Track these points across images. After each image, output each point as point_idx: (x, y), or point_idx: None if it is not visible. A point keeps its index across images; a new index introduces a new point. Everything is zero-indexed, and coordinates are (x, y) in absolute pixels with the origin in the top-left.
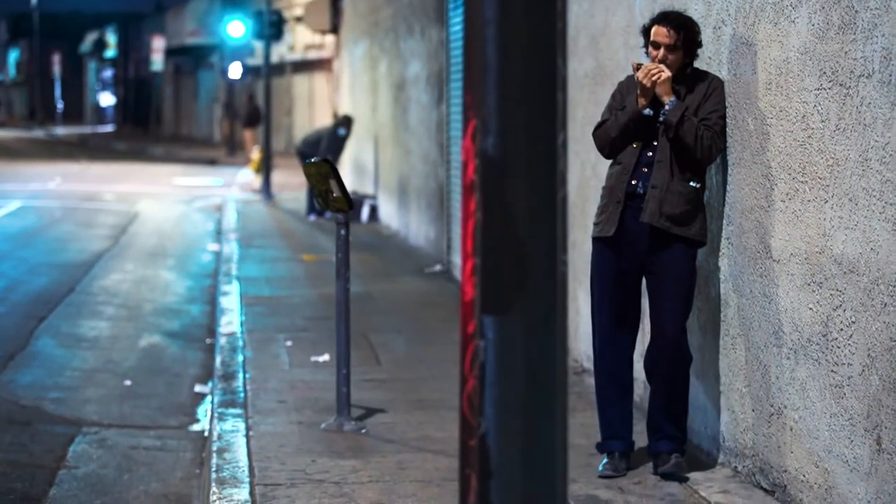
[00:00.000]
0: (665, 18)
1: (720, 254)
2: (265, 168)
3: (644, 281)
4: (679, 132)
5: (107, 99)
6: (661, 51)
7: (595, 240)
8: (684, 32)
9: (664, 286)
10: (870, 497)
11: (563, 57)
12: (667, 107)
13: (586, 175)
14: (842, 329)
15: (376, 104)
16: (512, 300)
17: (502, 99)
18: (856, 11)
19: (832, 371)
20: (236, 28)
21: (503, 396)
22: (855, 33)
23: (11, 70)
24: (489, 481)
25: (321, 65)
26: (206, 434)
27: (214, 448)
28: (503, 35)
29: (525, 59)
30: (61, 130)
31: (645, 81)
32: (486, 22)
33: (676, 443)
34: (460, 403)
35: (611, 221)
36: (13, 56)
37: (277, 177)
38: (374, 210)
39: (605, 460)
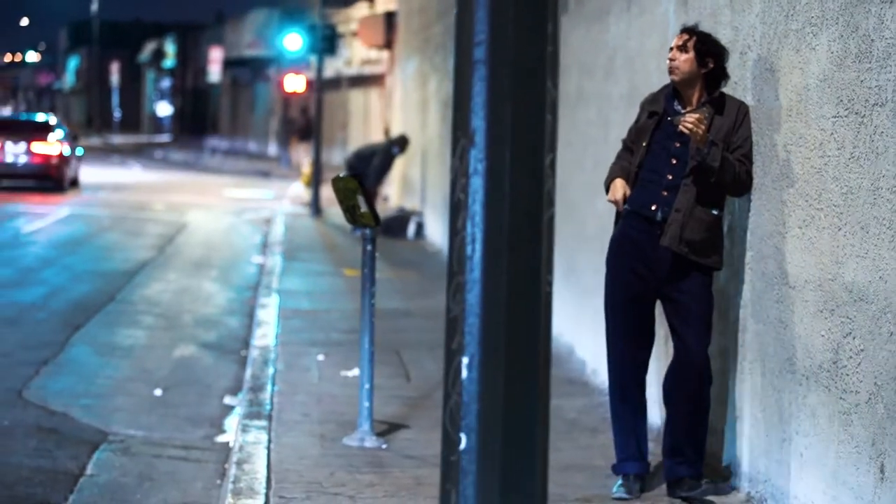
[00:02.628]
0: (684, 27)
1: (740, 279)
2: (314, 182)
3: (660, 304)
4: (721, 177)
5: (164, 109)
6: (673, 51)
7: (609, 261)
8: (697, 38)
9: (688, 311)
10: None
11: (554, 80)
12: (705, 150)
13: None
14: (851, 357)
15: (425, 121)
16: (496, 319)
17: (491, 120)
18: (872, 41)
19: (841, 398)
20: (293, 41)
21: (484, 413)
22: (871, 62)
23: (70, 77)
24: (470, 497)
25: (376, 80)
26: (231, 445)
27: (235, 459)
28: (493, 57)
29: (514, 81)
30: (118, 139)
31: (684, 130)
32: (476, 43)
33: (696, 466)
34: (443, 418)
35: (627, 242)
36: (73, 63)
37: (327, 191)
38: (420, 227)
39: (619, 482)
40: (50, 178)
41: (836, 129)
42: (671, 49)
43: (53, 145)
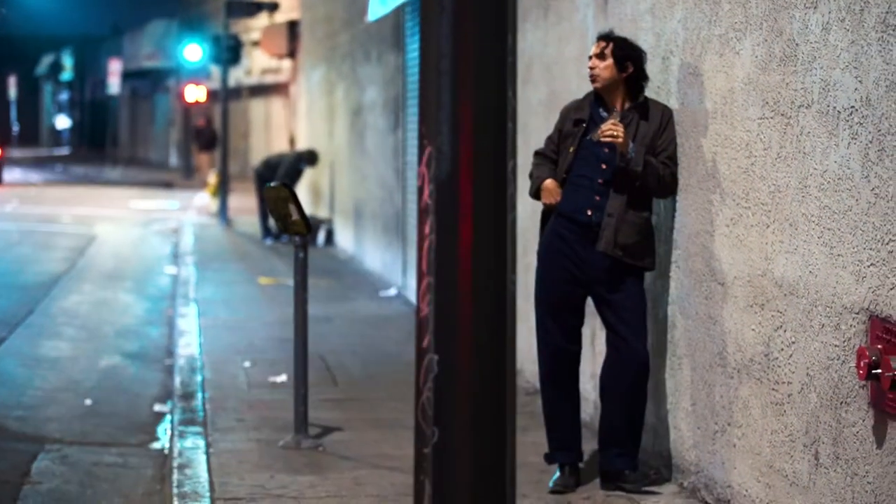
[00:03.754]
0: (600, 34)
1: (668, 277)
2: (222, 192)
3: (591, 301)
4: (645, 180)
5: (63, 122)
6: (592, 59)
7: (541, 259)
8: (613, 44)
9: (624, 309)
10: None
11: (514, 89)
12: (629, 154)
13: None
14: (782, 349)
15: (333, 129)
16: (463, 317)
17: (455, 128)
18: (796, 44)
19: (773, 389)
20: (193, 52)
21: (454, 407)
22: (795, 65)
23: None
24: (442, 487)
25: (278, 89)
26: (166, 451)
27: (175, 464)
28: (456, 68)
29: (477, 91)
30: (17, 153)
31: (606, 141)
32: (440, 56)
33: (632, 459)
34: (415, 413)
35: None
36: None
37: (234, 201)
38: (329, 234)
39: (555, 476)
40: None
41: (763, 131)
42: (590, 57)
43: None
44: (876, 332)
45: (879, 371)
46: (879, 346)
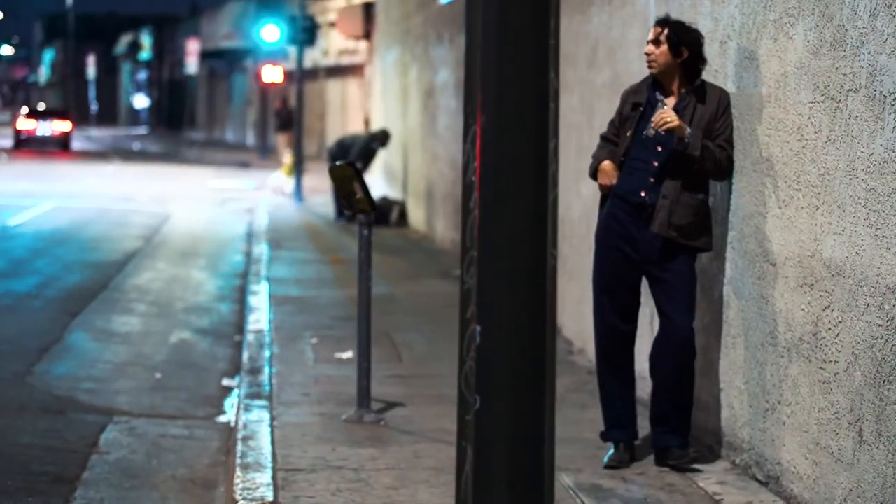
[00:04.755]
0: (657, 19)
1: (723, 258)
2: (297, 172)
3: (645, 280)
4: (702, 164)
5: (141, 101)
6: (649, 45)
7: (597, 239)
8: (669, 29)
9: (673, 289)
10: (852, 486)
11: (556, 70)
12: (686, 139)
13: None
14: (829, 328)
15: (406, 110)
16: (504, 289)
17: (500, 108)
18: (846, 30)
19: (821, 368)
20: (271, 32)
21: (496, 376)
22: (845, 50)
23: (46, 71)
24: (483, 452)
25: (354, 70)
26: (232, 424)
27: (240, 436)
28: (501, 51)
29: (521, 72)
30: (95, 132)
31: (663, 129)
32: (486, 38)
33: (682, 436)
34: (458, 382)
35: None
36: (48, 57)
37: (309, 180)
38: (402, 214)
39: (610, 452)
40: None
41: (813, 114)
42: (647, 42)
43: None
44: None
45: None
46: None
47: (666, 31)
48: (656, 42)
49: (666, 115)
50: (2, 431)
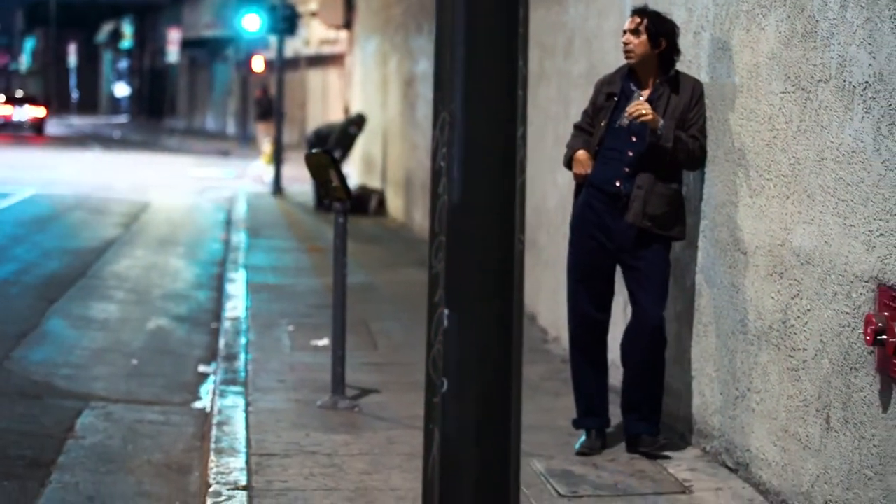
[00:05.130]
0: (634, 9)
1: (696, 246)
2: (276, 161)
3: (619, 270)
4: (675, 155)
5: (122, 90)
6: (626, 35)
7: (572, 228)
8: (648, 20)
9: (645, 278)
10: (819, 472)
11: (525, 59)
12: (659, 131)
13: None
14: (798, 317)
15: (386, 100)
16: (473, 273)
17: (467, 95)
18: (816, 21)
19: (789, 356)
20: (252, 21)
21: (463, 359)
22: (815, 41)
23: (27, 59)
24: (450, 435)
25: (335, 60)
26: (207, 410)
27: (215, 422)
28: (470, 39)
29: (489, 60)
30: (76, 120)
31: (637, 121)
32: (455, 27)
33: (652, 423)
34: (426, 365)
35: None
36: (29, 45)
37: (288, 170)
38: (381, 203)
39: (582, 439)
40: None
41: (784, 104)
42: (624, 32)
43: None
44: (883, 300)
45: (885, 337)
46: (886, 314)
47: (645, 22)
48: (635, 32)
49: (641, 107)
50: None
